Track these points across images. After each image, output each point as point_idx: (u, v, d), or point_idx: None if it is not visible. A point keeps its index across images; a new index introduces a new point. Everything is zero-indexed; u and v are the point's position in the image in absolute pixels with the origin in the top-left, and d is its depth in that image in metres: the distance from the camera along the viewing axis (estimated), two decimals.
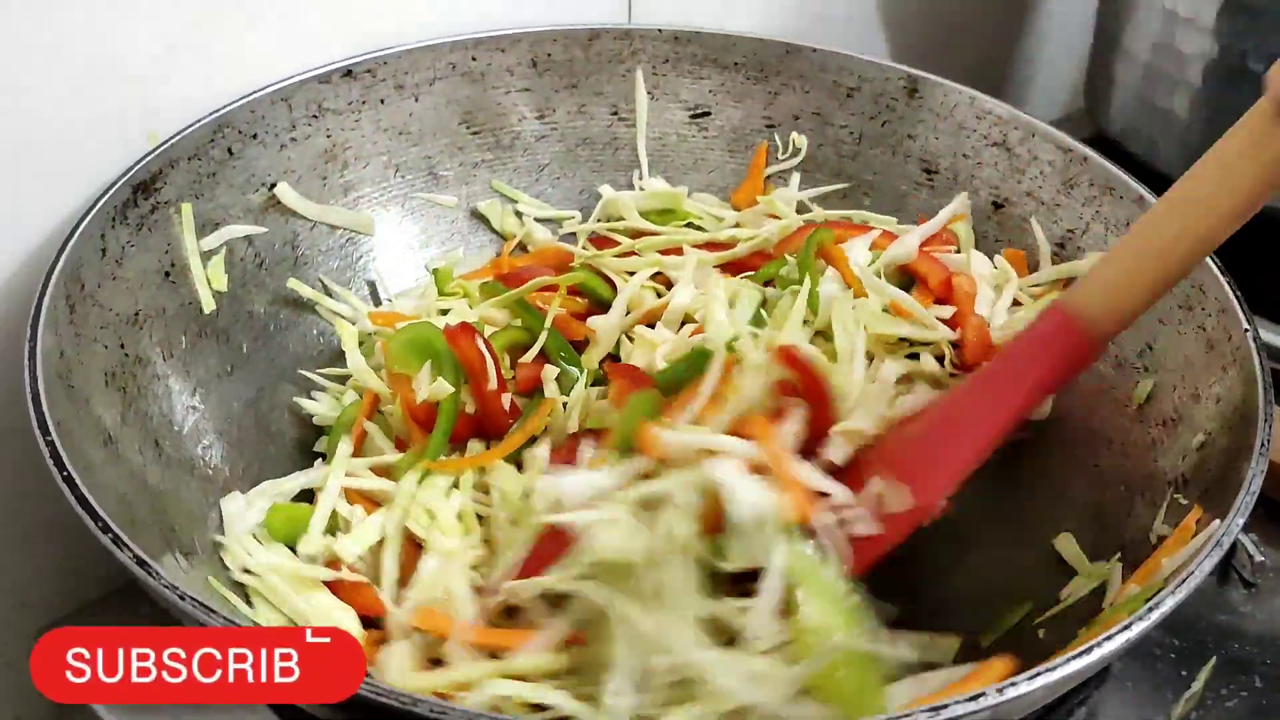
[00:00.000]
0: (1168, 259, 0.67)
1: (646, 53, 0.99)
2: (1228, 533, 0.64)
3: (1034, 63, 1.48)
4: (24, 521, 0.85)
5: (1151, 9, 1.04)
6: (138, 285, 0.78)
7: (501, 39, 0.96)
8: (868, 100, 0.97)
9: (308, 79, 0.89)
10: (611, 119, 1.00)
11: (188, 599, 0.57)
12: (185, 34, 0.82)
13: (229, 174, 0.85)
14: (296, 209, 0.89)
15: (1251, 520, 0.67)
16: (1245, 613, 0.84)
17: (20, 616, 0.86)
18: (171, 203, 0.82)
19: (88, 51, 0.78)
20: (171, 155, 0.82)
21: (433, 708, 0.53)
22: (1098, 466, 0.80)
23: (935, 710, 0.54)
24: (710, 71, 1.00)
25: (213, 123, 0.84)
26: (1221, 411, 0.74)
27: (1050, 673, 0.56)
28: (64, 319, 0.72)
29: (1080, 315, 0.69)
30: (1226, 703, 0.78)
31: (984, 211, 0.93)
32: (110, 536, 0.59)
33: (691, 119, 1.00)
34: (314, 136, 0.90)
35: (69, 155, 0.79)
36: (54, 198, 0.79)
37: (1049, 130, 0.91)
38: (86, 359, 0.73)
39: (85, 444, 0.67)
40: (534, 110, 0.98)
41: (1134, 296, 0.68)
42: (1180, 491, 0.73)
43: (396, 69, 0.93)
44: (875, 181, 0.97)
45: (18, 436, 0.77)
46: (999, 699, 0.55)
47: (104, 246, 0.76)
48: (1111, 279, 0.69)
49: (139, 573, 0.58)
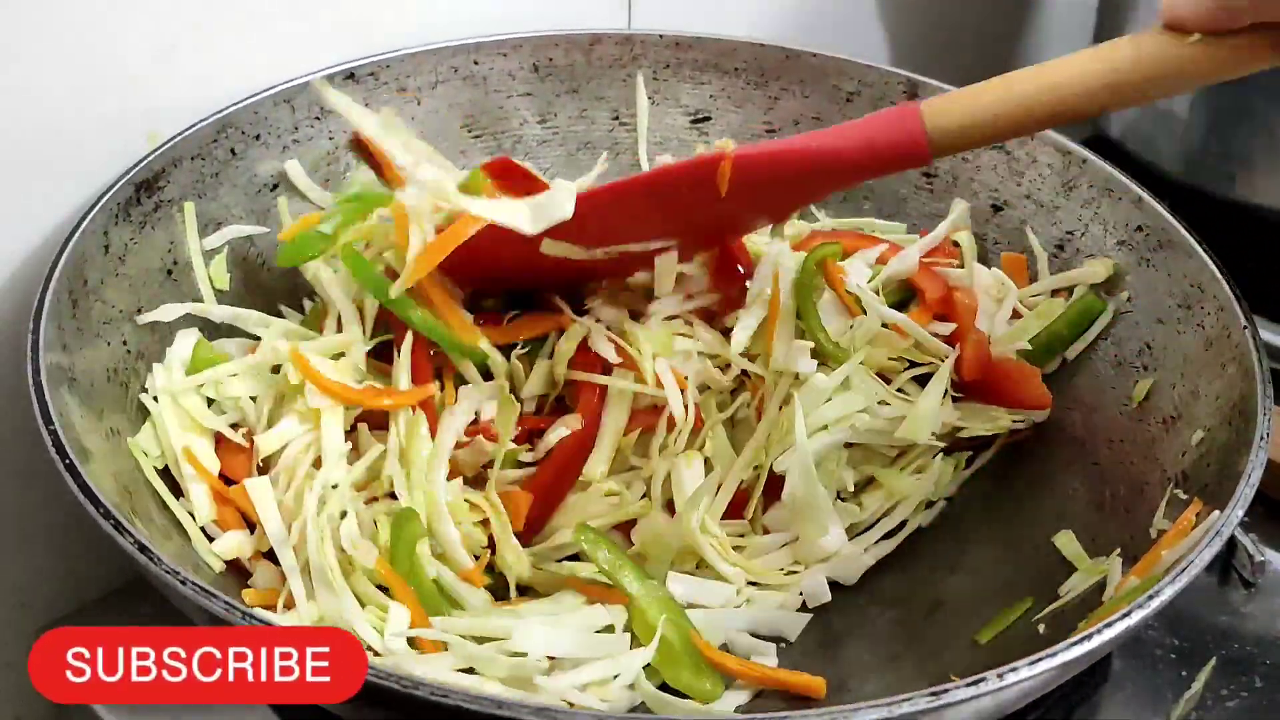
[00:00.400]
0: (1012, 94, 0.70)
1: (647, 58, 1.00)
2: (1227, 524, 0.64)
3: (1034, 63, 1.47)
4: (24, 522, 0.84)
5: (1151, 9, 1.04)
6: (140, 282, 0.79)
7: (503, 43, 0.97)
8: (867, 104, 0.97)
9: (311, 81, 0.89)
10: (613, 123, 1.00)
11: (189, 584, 0.57)
12: (187, 35, 0.82)
13: (232, 174, 0.86)
14: (303, 190, 0.89)
15: (1251, 520, 0.67)
16: (1245, 613, 0.84)
17: (20, 616, 0.86)
18: (174, 201, 0.82)
19: (90, 51, 0.78)
20: (175, 154, 0.82)
21: (433, 691, 0.53)
22: (1097, 465, 0.81)
23: (936, 695, 0.54)
24: (711, 76, 1.00)
25: (216, 123, 0.85)
26: (1220, 408, 0.74)
27: (1051, 658, 0.56)
28: (67, 314, 0.72)
29: (924, 113, 0.71)
30: (1226, 703, 0.78)
31: (983, 214, 0.93)
32: (112, 523, 0.59)
33: (692, 124, 1.01)
34: (316, 138, 0.91)
35: (71, 154, 0.79)
36: (57, 195, 0.79)
37: (1047, 133, 0.91)
38: (89, 354, 0.73)
39: (87, 436, 0.68)
40: (535, 114, 0.99)
41: (969, 120, 0.71)
42: (1180, 488, 0.73)
43: (399, 72, 0.93)
44: (874, 185, 0.97)
45: (19, 436, 0.77)
46: (999, 684, 0.55)
47: (107, 244, 0.77)
48: (960, 95, 0.72)
49: (140, 559, 0.58)
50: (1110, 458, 0.80)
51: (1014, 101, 0.70)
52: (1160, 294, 0.82)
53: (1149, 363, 0.82)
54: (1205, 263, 0.79)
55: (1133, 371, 0.82)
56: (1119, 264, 0.85)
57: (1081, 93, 0.68)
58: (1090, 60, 0.69)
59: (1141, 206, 0.85)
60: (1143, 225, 0.85)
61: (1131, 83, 0.67)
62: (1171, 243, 0.82)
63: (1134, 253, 0.85)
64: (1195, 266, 0.80)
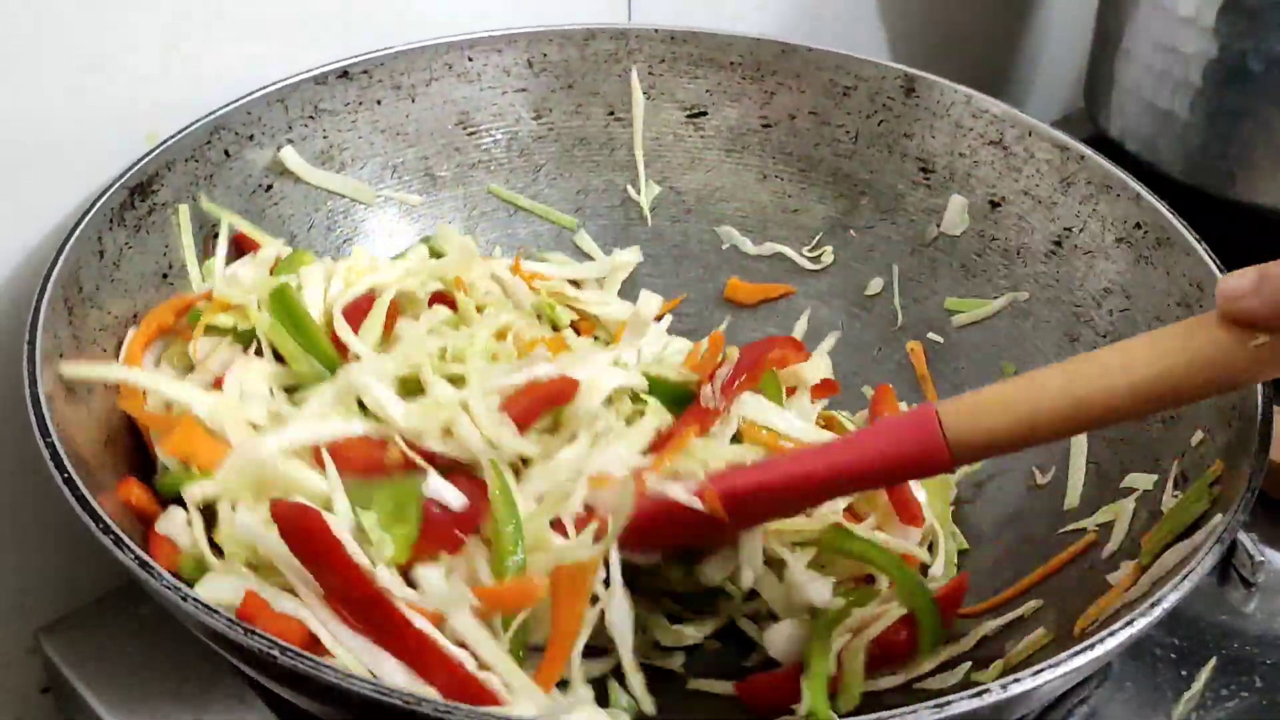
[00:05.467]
0: (1039, 407, 0.64)
1: (643, 53, 0.99)
2: (1229, 528, 0.64)
3: (1034, 63, 1.48)
4: (24, 522, 0.84)
5: (1151, 9, 1.04)
6: (136, 287, 0.78)
7: (497, 39, 0.96)
8: (864, 99, 0.97)
9: (304, 80, 0.89)
10: (608, 119, 1.00)
11: (189, 600, 0.57)
12: (181, 35, 0.82)
13: (226, 176, 0.85)
14: (299, 173, 0.89)
15: (1251, 520, 0.67)
16: (1245, 613, 0.84)
17: (20, 616, 0.86)
18: (169, 204, 0.81)
19: (85, 51, 0.78)
20: (168, 157, 0.81)
21: (436, 707, 0.53)
22: (1097, 464, 0.81)
23: (939, 707, 0.54)
24: (707, 71, 0.99)
25: (209, 124, 0.84)
26: (1220, 408, 0.74)
27: (1054, 668, 0.57)
28: (63, 321, 0.71)
29: (943, 421, 0.66)
30: (1226, 703, 0.78)
31: (981, 210, 0.93)
32: (111, 537, 0.59)
33: (688, 119, 1.00)
34: (310, 138, 0.90)
35: (67, 156, 0.79)
36: (52, 199, 0.79)
37: (1045, 129, 0.91)
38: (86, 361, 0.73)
39: (85, 446, 0.67)
40: (531, 111, 0.98)
41: (995, 430, 0.65)
42: (1180, 488, 0.73)
43: (393, 70, 0.93)
44: (872, 180, 0.97)
45: (17, 437, 0.77)
46: (1003, 695, 0.55)
47: (101, 249, 0.76)
48: (983, 403, 0.66)
49: (140, 574, 0.58)
50: (1110, 457, 0.80)
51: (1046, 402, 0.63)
52: (1159, 292, 0.82)
53: None
54: (1204, 261, 0.79)
55: None
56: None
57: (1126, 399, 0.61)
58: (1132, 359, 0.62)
59: (1140, 203, 0.85)
60: (1141, 222, 0.85)
61: (1184, 388, 0.61)
62: (1170, 240, 0.82)
63: (1133, 250, 0.85)
64: (1194, 264, 0.80)
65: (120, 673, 0.79)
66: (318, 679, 0.54)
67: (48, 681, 0.88)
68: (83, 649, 0.81)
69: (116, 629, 0.82)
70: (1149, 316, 0.82)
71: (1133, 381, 0.61)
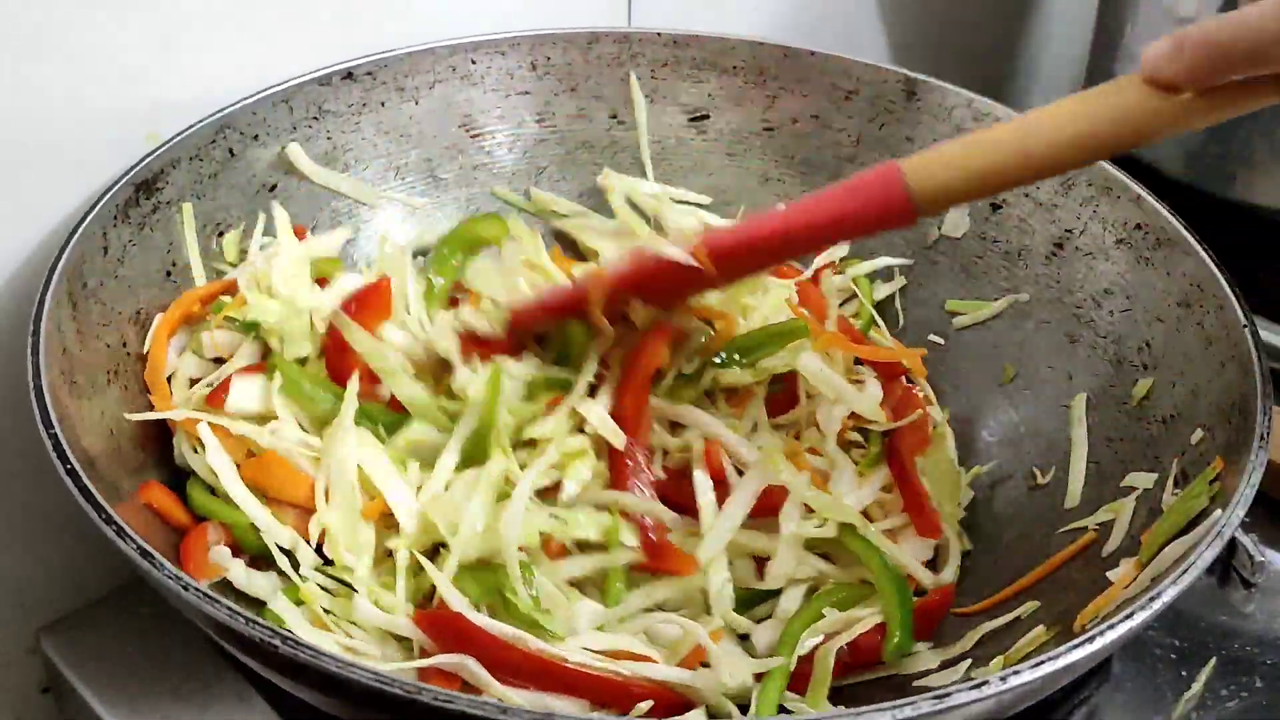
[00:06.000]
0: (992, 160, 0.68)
1: (645, 56, 0.99)
2: (1228, 524, 0.64)
3: (1034, 63, 1.48)
4: (24, 522, 0.84)
5: (1151, 9, 1.04)
6: (140, 284, 0.79)
7: (501, 42, 0.96)
8: (866, 103, 0.97)
9: (308, 81, 0.89)
10: (611, 122, 1.00)
11: (191, 590, 0.57)
12: (184, 34, 0.82)
13: (230, 175, 0.86)
14: (305, 171, 0.90)
15: (1251, 520, 0.67)
16: (1245, 613, 0.84)
17: (20, 616, 0.86)
18: (173, 202, 0.82)
19: (86, 52, 0.78)
20: (173, 155, 0.82)
21: (436, 696, 0.53)
22: (1097, 464, 0.81)
23: (939, 699, 0.54)
24: (709, 75, 1.00)
25: (214, 123, 0.84)
26: (1220, 408, 0.74)
27: (1053, 661, 0.57)
28: (66, 317, 0.72)
29: (905, 175, 0.70)
30: (1226, 703, 0.78)
31: (981, 213, 0.93)
32: (114, 528, 0.59)
33: (690, 122, 1.01)
34: (315, 139, 0.90)
35: (70, 154, 0.79)
36: (52, 199, 0.79)
37: None
38: (89, 357, 0.73)
39: (88, 439, 0.68)
40: (533, 113, 0.99)
41: (952, 181, 0.69)
42: (1180, 487, 0.73)
43: (397, 71, 0.93)
44: None
45: (18, 436, 0.77)
46: (1002, 687, 0.55)
47: (106, 245, 0.77)
48: (942, 157, 0.70)
49: (142, 564, 0.58)
50: (1110, 457, 0.80)
51: (998, 155, 0.68)
52: (1159, 293, 0.82)
53: (1148, 362, 0.82)
54: (1204, 261, 0.79)
55: (1132, 370, 0.82)
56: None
57: (1068, 145, 0.67)
58: (1074, 115, 0.67)
59: (1141, 205, 0.85)
60: (1142, 223, 0.85)
61: (1121, 135, 0.66)
62: (1171, 241, 0.82)
63: (1133, 251, 0.85)
64: (1194, 265, 0.80)
65: (120, 673, 0.79)
66: (318, 668, 0.54)
67: (48, 681, 0.88)
68: (83, 649, 0.81)
69: (116, 629, 0.82)
70: (1150, 317, 0.82)
71: (1076, 132, 0.66)
